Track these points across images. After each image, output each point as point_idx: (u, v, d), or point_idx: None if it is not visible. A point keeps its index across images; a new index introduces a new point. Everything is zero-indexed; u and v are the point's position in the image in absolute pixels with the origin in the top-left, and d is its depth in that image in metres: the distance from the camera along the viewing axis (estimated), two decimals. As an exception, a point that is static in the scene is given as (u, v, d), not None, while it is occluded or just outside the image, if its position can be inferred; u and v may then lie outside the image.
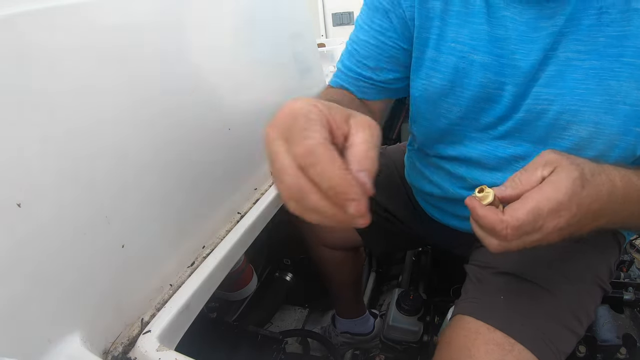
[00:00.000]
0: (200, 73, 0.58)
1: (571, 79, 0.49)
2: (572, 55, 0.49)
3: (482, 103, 0.56)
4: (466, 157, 0.63)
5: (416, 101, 0.63)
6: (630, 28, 0.45)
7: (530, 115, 0.53)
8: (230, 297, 0.91)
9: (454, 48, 0.55)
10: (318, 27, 1.64)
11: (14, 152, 0.35)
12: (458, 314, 0.58)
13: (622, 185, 0.42)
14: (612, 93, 0.48)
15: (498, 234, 0.38)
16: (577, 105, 0.50)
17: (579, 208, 0.38)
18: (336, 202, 0.29)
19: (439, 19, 0.55)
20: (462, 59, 0.54)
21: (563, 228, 0.38)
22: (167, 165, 0.51)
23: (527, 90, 0.52)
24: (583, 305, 0.58)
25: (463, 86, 0.56)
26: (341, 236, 0.89)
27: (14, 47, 0.36)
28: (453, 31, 0.54)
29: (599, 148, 0.51)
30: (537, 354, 0.51)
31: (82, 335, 0.39)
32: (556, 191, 0.37)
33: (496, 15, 0.51)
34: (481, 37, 0.53)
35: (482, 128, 0.59)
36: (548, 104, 0.52)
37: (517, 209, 0.38)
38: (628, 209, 0.44)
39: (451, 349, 0.54)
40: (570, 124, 0.51)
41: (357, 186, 0.28)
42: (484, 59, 0.53)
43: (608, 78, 0.47)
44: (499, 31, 0.51)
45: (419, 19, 0.57)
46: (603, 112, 0.49)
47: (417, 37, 0.58)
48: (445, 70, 0.56)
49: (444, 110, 0.60)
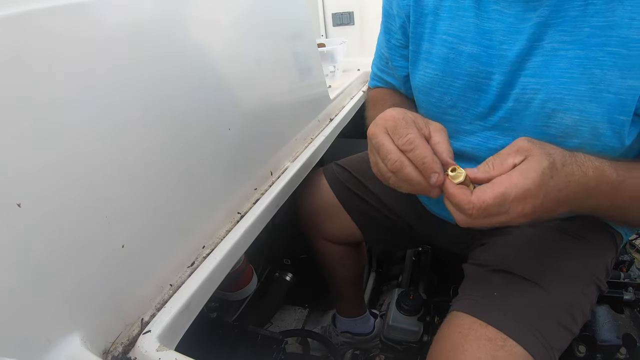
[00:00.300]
0: (201, 73, 0.58)
1: (556, 68, 0.51)
2: (557, 45, 0.51)
3: (472, 93, 0.59)
4: (460, 151, 0.65)
5: (415, 92, 0.67)
6: (614, 18, 0.47)
7: (518, 105, 0.55)
8: (230, 297, 0.90)
9: (445, 40, 0.59)
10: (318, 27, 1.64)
11: (14, 152, 0.35)
12: (453, 311, 0.59)
13: (594, 175, 0.43)
14: (595, 81, 0.49)
15: (465, 212, 0.41)
16: (561, 93, 0.51)
17: (545, 196, 0.40)
18: (424, 174, 0.43)
19: (432, 14, 0.60)
20: (452, 50, 0.58)
21: (528, 214, 0.40)
22: (167, 165, 0.51)
23: (515, 79, 0.55)
24: (578, 303, 0.59)
25: (453, 76, 0.59)
26: (342, 230, 0.90)
27: (13, 47, 0.36)
28: (445, 24, 0.59)
29: (585, 136, 0.52)
30: (529, 350, 0.52)
31: (82, 335, 0.39)
32: (525, 179, 0.40)
33: (485, 9, 0.55)
34: (470, 29, 0.56)
35: (473, 119, 0.61)
36: (534, 93, 0.53)
37: (485, 192, 0.40)
38: (596, 199, 0.45)
39: (445, 344, 0.55)
40: (556, 112, 0.52)
41: (440, 165, 0.43)
42: (473, 49, 0.56)
43: (592, 67, 0.49)
44: (487, 24, 0.55)
45: (414, 15, 0.62)
46: (587, 100, 0.50)
47: (413, 32, 0.63)
48: (437, 60, 0.60)
49: (435, 100, 0.63)
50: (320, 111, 0.95)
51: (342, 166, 0.90)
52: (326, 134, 0.90)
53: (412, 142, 0.43)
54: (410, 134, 0.43)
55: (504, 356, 0.51)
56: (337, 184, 0.88)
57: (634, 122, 0.51)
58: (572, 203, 0.43)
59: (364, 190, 0.86)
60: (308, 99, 0.91)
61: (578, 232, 0.65)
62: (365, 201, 0.86)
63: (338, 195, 0.87)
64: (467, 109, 0.60)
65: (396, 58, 0.70)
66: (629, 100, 0.48)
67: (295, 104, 0.86)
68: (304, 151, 0.82)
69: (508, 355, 0.51)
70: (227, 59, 0.64)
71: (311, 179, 0.87)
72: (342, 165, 0.91)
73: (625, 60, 0.47)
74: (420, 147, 0.43)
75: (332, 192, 0.88)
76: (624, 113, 0.49)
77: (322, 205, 0.89)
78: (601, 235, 0.66)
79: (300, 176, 0.77)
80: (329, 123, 0.96)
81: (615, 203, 0.46)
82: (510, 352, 0.51)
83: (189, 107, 0.55)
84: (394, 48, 0.70)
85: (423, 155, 0.42)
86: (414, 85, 0.67)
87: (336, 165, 0.91)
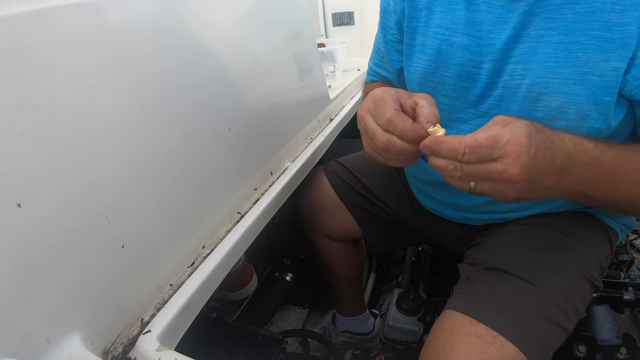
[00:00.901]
0: (201, 73, 0.58)
1: (542, 53, 0.53)
2: (542, 32, 0.53)
3: (463, 82, 0.61)
4: None
5: (410, 84, 0.69)
6: (596, 4, 0.49)
7: (506, 92, 0.57)
8: (230, 297, 0.90)
9: (437, 32, 0.62)
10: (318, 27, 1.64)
11: (14, 152, 0.35)
12: (445, 309, 0.60)
13: (571, 144, 0.46)
14: (580, 64, 0.51)
15: (457, 152, 0.42)
16: (547, 77, 0.53)
17: (537, 149, 0.42)
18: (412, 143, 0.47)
19: (426, 9, 0.63)
20: (444, 41, 0.61)
21: (524, 164, 0.41)
22: (167, 165, 0.51)
23: (502, 67, 0.57)
24: (571, 299, 0.59)
25: (445, 65, 0.62)
26: (342, 227, 0.91)
27: (13, 47, 0.36)
28: (438, 18, 0.62)
29: (571, 118, 0.53)
30: (519, 346, 0.52)
31: (82, 335, 0.39)
32: (515, 128, 0.42)
33: (475, 2, 0.58)
34: (461, 21, 0.59)
35: (465, 107, 0.63)
36: (521, 78, 0.55)
37: (477, 133, 0.42)
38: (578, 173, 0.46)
39: (436, 342, 0.56)
40: (542, 95, 0.54)
41: (423, 130, 0.46)
42: (463, 40, 0.59)
43: (576, 50, 0.51)
44: (477, 15, 0.58)
45: (409, 10, 0.65)
46: (572, 83, 0.52)
47: (407, 26, 0.66)
48: (430, 52, 0.63)
49: (429, 90, 0.64)
50: (320, 111, 0.95)
51: (342, 164, 0.91)
52: (326, 134, 0.90)
53: (391, 120, 0.46)
54: (387, 112, 0.47)
55: (494, 353, 0.51)
56: (337, 181, 0.89)
57: (619, 104, 0.52)
58: (557, 171, 0.45)
59: (363, 188, 0.87)
60: (308, 99, 0.91)
61: (570, 229, 0.65)
62: (365, 198, 0.87)
63: (338, 192, 0.88)
64: (459, 97, 0.62)
65: (391, 52, 0.73)
66: (613, 81, 0.49)
67: (295, 104, 0.86)
68: (304, 151, 0.82)
69: (498, 352, 0.51)
70: (227, 59, 0.64)
71: (311, 176, 0.87)
72: (342, 162, 0.91)
73: (608, 44, 0.48)
74: (400, 122, 0.46)
75: (332, 189, 0.88)
76: (608, 94, 0.50)
77: (322, 202, 0.89)
78: (594, 231, 0.67)
79: (300, 176, 0.77)
80: (329, 123, 0.97)
81: (599, 177, 0.47)
82: (500, 348, 0.52)
83: (189, 108, 0.55)
84: (389, 43, 0.72)
85: (403, 128, 0.46)
86: (408, 78, 0.69)
87: (336, 163, 0.92)
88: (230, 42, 0.66)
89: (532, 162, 0.42)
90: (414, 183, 0.81)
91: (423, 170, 0.74)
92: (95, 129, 0.42)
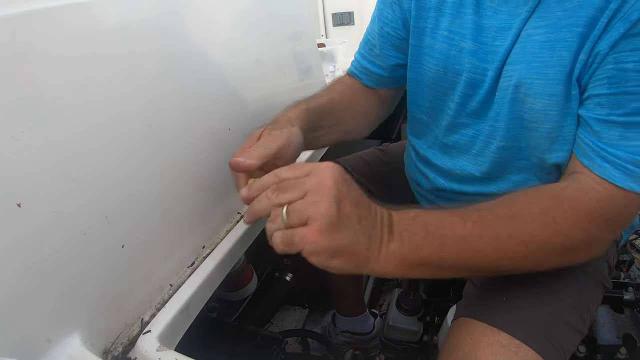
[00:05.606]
0: (200, 73, 0.58)
1: (529, 53, 0.51)
2: (532, 30, 0.51)
3: (469, 89, 0.59)
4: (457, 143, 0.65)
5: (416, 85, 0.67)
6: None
7: (500, 93, 0.56)
8: (230, 297, 0.90)
9: (446, 37, 0.59)
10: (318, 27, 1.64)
11: (14, 152, 0.35)
12: (461, 316, 0.58)
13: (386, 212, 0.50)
14: (564, 64, 0.49)
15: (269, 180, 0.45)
16: (531, 78, 0.51)
17: (347, 191, 0.45)
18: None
19: (435, 10, 0.60)
20: (453, 46, 0.59)
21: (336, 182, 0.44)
22: (167, 165, 0.51)
23: (501, 71, 0.55)
24: (585, 303, 0.58)
25: (455, 72, 0.60)
26: None
27: (13, 47, 0.36)
28: (447, 21, 0.59)
29: (554, 120, 0.52)
30: (543, 355, 0.50)
31: (82, 335, 0.39)
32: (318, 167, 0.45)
33: (483, 6, 0.56)
34: (469, 26, 0.57)
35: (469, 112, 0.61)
36: (509, 79, 0.54)
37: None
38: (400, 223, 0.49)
39: (456, 352, 0.53)
40: (527, 97, 0.53)
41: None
42: (471, 46, 0.57)
43: (560, 49, 0.49)
44: (484, 21, 0.56)
45: (416, 9, 0.62)
46: (556, 84, 0.50)
47: (414, 26, 0.63)
48: (439, 56, 0.60)
49: (440, 94, 0.63)
50: (320, 111, 0.95)
51: (341, 165, 0.90)
52: (326, 134, 0.90)
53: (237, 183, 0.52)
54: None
55: None
56: None
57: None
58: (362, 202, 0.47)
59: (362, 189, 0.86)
60: (308, 99, 0.91)
61: None
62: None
63: None
64: (464, 103, 0.61)
65: (387, 46, 0.69)
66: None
67: (295, 104, 0.86)
68: (304, 151, 0.82)
69: None
70: (227, 59, 0.64)
71: None
72: (341, 163, 0.91)
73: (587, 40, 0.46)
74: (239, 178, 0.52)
75: None
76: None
77: None
78: None
79: (300, 176, 0.76)
80: (329, 123, 0.96)
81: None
82: (524, 357, 0.50)
83: (189, 108, 0.55)
84: (386, 36, 0.68)
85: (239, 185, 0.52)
86: (414, 78, 0.66)
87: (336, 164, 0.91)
88: (230, 42, 0.66)
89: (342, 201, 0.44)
90: (415, 188, 0.81)
91: (424, 178, 0.74)
92: (96, 129, 0.42)
